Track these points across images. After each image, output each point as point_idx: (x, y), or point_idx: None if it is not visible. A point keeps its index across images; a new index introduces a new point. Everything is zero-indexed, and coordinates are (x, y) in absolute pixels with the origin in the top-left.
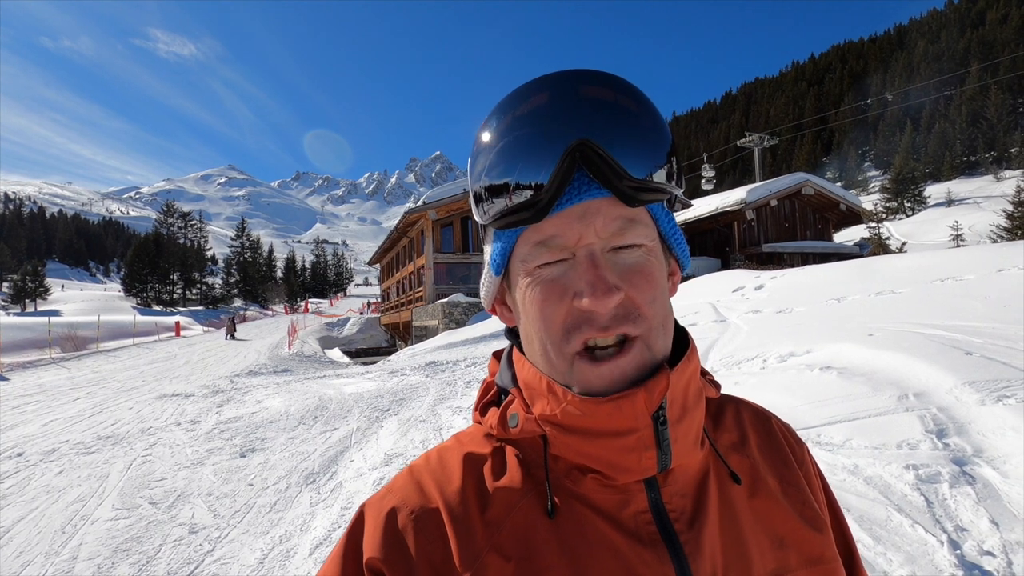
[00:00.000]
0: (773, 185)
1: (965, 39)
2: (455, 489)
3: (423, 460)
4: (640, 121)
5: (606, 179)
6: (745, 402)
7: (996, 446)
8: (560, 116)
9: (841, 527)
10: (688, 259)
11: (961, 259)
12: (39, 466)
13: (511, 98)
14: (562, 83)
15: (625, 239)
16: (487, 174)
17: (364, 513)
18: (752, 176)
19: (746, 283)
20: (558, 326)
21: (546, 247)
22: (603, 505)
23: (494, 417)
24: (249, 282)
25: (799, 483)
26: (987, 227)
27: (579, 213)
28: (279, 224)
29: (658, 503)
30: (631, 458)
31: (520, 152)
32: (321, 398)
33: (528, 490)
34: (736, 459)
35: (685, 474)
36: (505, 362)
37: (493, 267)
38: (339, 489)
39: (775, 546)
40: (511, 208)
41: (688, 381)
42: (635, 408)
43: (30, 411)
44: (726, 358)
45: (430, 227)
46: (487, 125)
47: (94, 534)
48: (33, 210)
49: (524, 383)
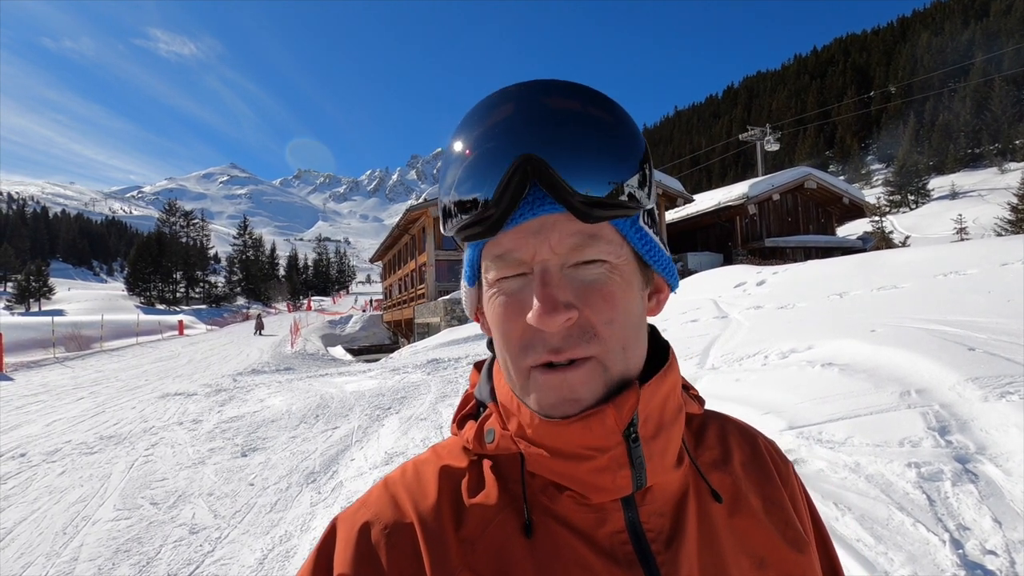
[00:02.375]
0: (775, 179)
1: (969, 30)
2: (430, 504)
3: (399, 473)
4: (598, 134)
5: (558, 195)
6: (731, 419)
7: (999, 443)
8: (511, 130)
9: (826, 547)
10: (675, 277)
11: (964, 253)
12: (41, 467)
13: (473, 111)
14: (519, 95)
15: (584, 255)
16: (447, 188)
17: (336, 527)
18: (755, 170)
19: (748, 278)
20: (515, 343)
21: (504, 261)
22: (579, 524)
23: (471, 431)
24: (252, 280)
25: (783, 502)
26: (991, 220)
27: (535, 228)
28: (281, 222)
29: (635, 523)
30: (605, 478)
31: (474, 166)
32: (323, 396)
33: (504, 506)
34: (717, 477)
35: (664, 493)
36: (485, 374)
37: (467, 278)
38: (340, 488)
39: (755, 566)
40: (466, 223)
41: (665, 398)
42: (604, 426)
43: (33, 411)
44: (727, 355)
45: (431, 224)
46: (452, 137)
47: (95, 535)
48: (36, 210)
49: (500, 399)
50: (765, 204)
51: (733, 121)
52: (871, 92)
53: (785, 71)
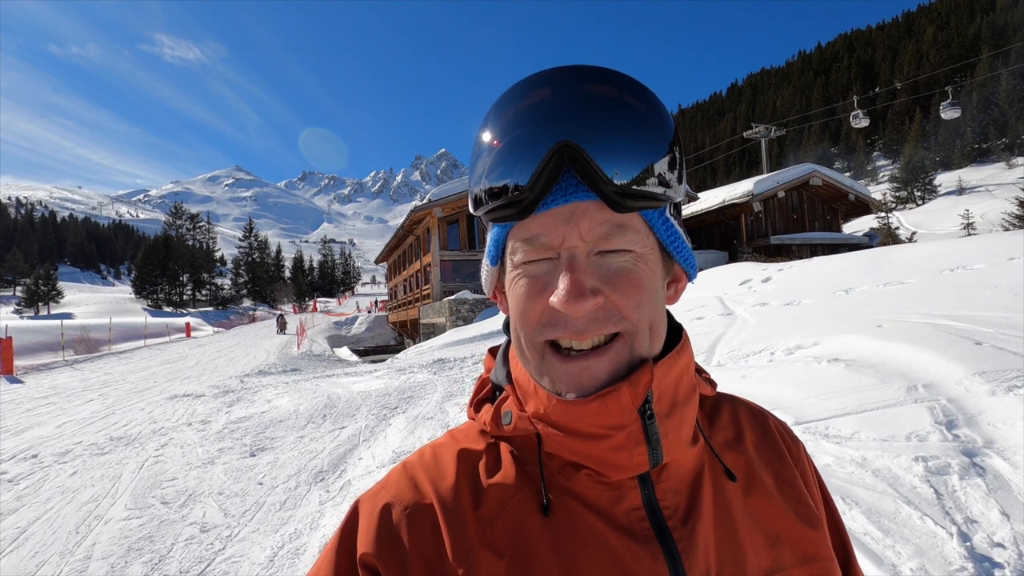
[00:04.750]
0: (780, 176)
1: (975, 24)
2: (449, 485)
3: (417, 456)
4: (635, 124)
5: (592, 183)
6: (742, 400)
7: (1006, 437)
8: (549, 115)
9: (837, 525)
10: (695, 268)
11: (971, 248)
12: (53, 467)
13: (506, 96)
14: (556, 80)
15: (612, 244)
16: (479, 167)
17: (358, 508)
18: (759, 168)
19: (753, 276)
20: (533, 321)
21: (531, 245)
22: (597, 502)
23: (488, 414)
24: (258, 282)
25: (795, 480)
26: (999, 215)
27: (566, 215)
28: (286, 224)
29: (652, 500)
30: (622, 455)
31: (509, 149)
32: (330, 397)
33: (522, 486)
34: (731, 456)
35: (679, 471)
36: (501, 358)
37: (490, 257)
38: (348, 487)
39: (769, 543)
40: (498, 204)
41: (679, 376)
42: (621, 403)
43: (44, 413)
44: (733, 351)
45: (436, 224)
46: (484, 123)
47: (107, 534)
48: (44, 214)
49: (517, 381)
50: (770, 201)
51: (737, 119)
52: (876, 88)
53: (789, 68)
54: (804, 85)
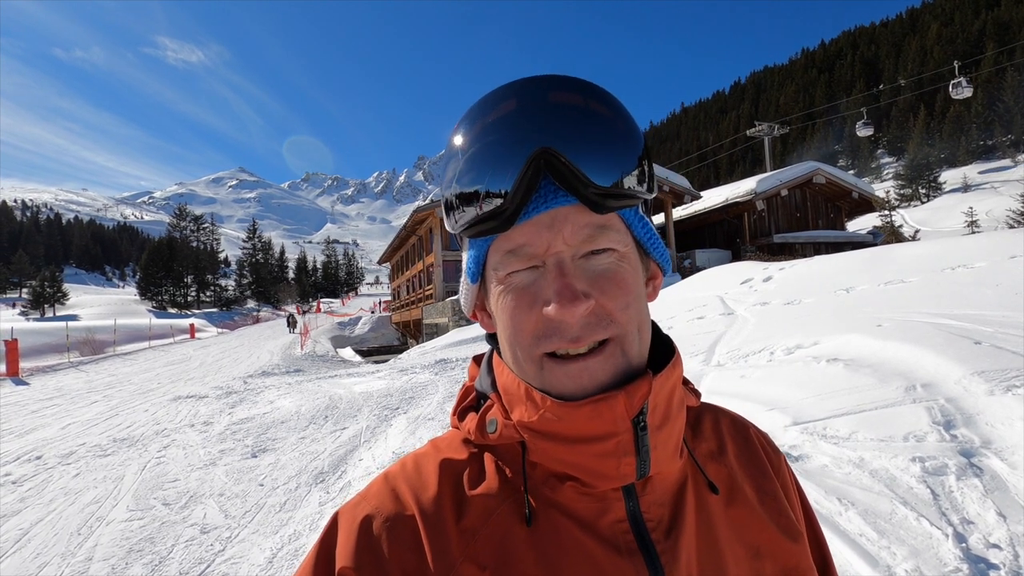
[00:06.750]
0: (783, 174)
1: (980, 20)
2: (431, 496)
3: (399, 466)
4: (606, 127)
5: (572, 187)
6: (723, 410)
7: (1004, 437)
8: (524, 124)
9: (817, 537)
10: (668, 262)
11: (972, 246)
12: (57, 469)
13: (478, 106)
14: (528, 89)
15: (596, 244)
16: (455, 182)
17: (337, 520)
18: (763, 166)
19: (754, 275)
20: (528, 334)
21: (516, 255)
22: (581, 513)
23: (472, 422)
24: (261, 283)
25: (776, 492)
26: (1004, 213)
27: (547, 221)
28: (290, 225)
29: (636, 512)
30: (609, 464)
31: (485, 161)
32: (332, 397)
33: (505, 497)
34: (714, 468)
35: (663, 483)
36: (485, 367)
37: (469, 275)
38: (348, 488)
39: (751, 556)
40: (479, 217)
41: (672, 388)
42: (614, 412)
43: (49, 415)
44: (733, 351)
45: (439, 225)
46: (455, 133)
47: (109, 535)
48: (50, 217)
49: (503, 388)
50: (773, 200)
51: (740, 117)
52: (880, 85)
53: (792, 65)
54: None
